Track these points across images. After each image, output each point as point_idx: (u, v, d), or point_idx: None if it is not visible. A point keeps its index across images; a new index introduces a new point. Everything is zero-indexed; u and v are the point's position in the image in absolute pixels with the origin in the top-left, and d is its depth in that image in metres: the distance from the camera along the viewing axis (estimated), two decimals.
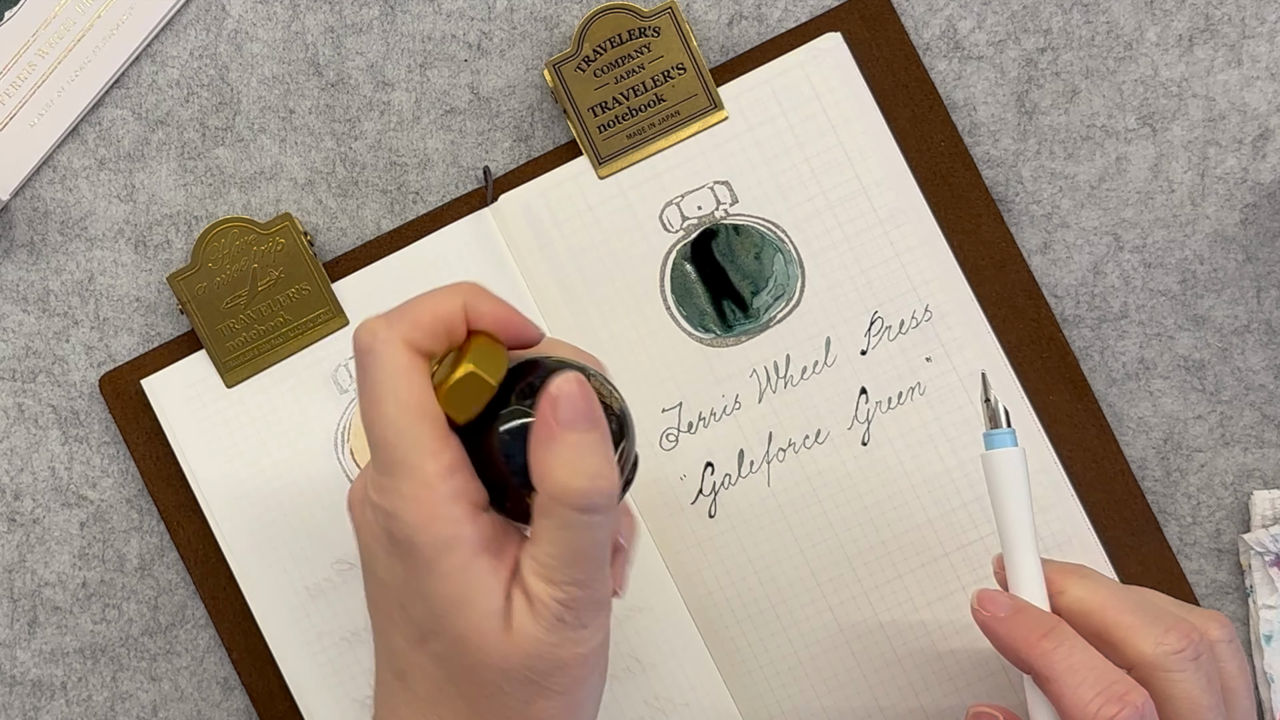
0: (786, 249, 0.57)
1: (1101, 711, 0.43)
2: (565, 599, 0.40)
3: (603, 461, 0.40)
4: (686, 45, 0.57)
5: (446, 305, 0.42)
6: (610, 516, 0.40)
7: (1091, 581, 0.47)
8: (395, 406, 0.40)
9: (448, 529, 0.40)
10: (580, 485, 0.39)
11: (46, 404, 0.60)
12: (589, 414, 0.40)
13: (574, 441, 0.40)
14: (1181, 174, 0.58)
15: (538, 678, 0.40)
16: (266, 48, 0.59)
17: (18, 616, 0.60)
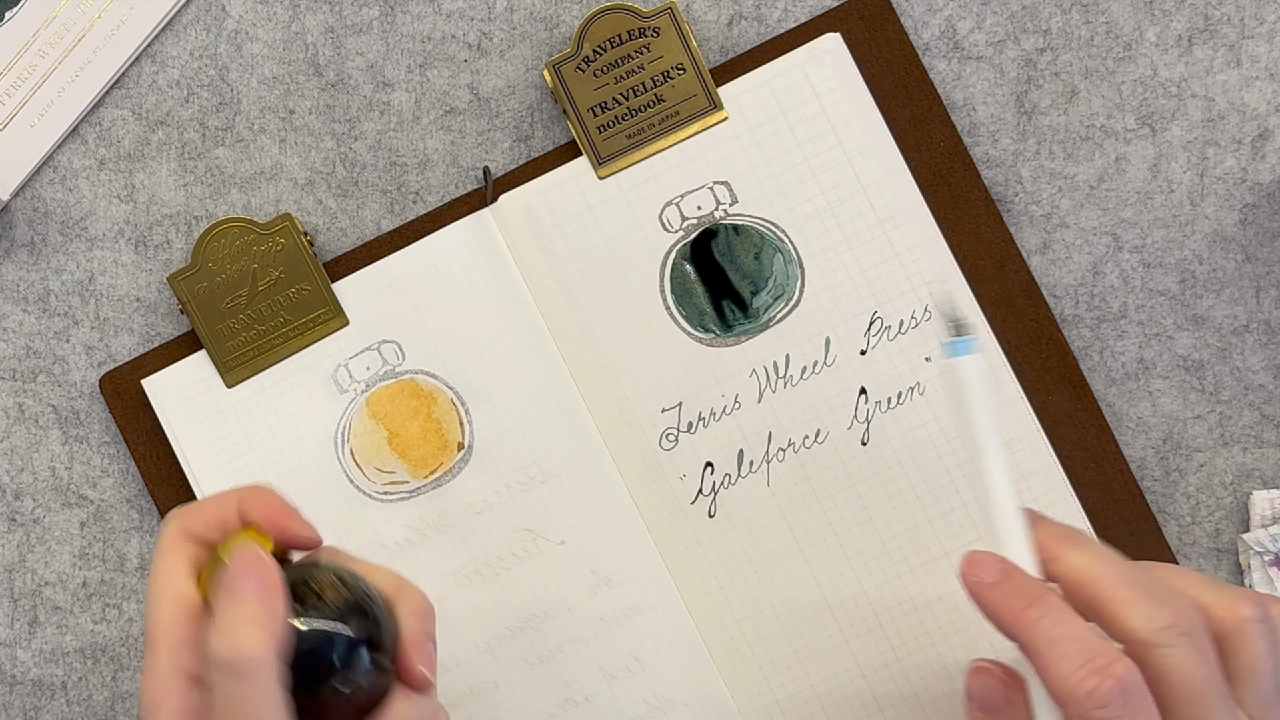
0: (786, 249, 0.57)
1: (1083, 684, 0.42)
2: None
3: (244, 627, 0.42)
4: (686, 45, 0.57)
5: (225, 500, 0.46)
6: (264, 680, 0.42)
7: (1089, 551, 0.46)
8: (156, 585, 0.45)
9: (159, 695, 0.44)
10: (217, 648, 0.42)
11: (47, 404, 0.60)
12: (236, 581, 0.43)
13: (223, 607, 0.43)
14: (1181, 174, 0.58)
15: None
16: (266, 48, 0.59)
17: (18, 616, 0.60)
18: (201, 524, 0.46)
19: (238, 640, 0.42)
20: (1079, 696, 0.42)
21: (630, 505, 0.57)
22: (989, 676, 0.47)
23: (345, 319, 0.58)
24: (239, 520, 0.46)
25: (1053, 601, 0.44)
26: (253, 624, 0.43)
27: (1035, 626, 0.44)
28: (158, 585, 0.45)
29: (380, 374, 0.58)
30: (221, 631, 0.42)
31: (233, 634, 0.42)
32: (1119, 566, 0.45)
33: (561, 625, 0.58)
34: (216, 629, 0.43)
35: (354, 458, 0.58)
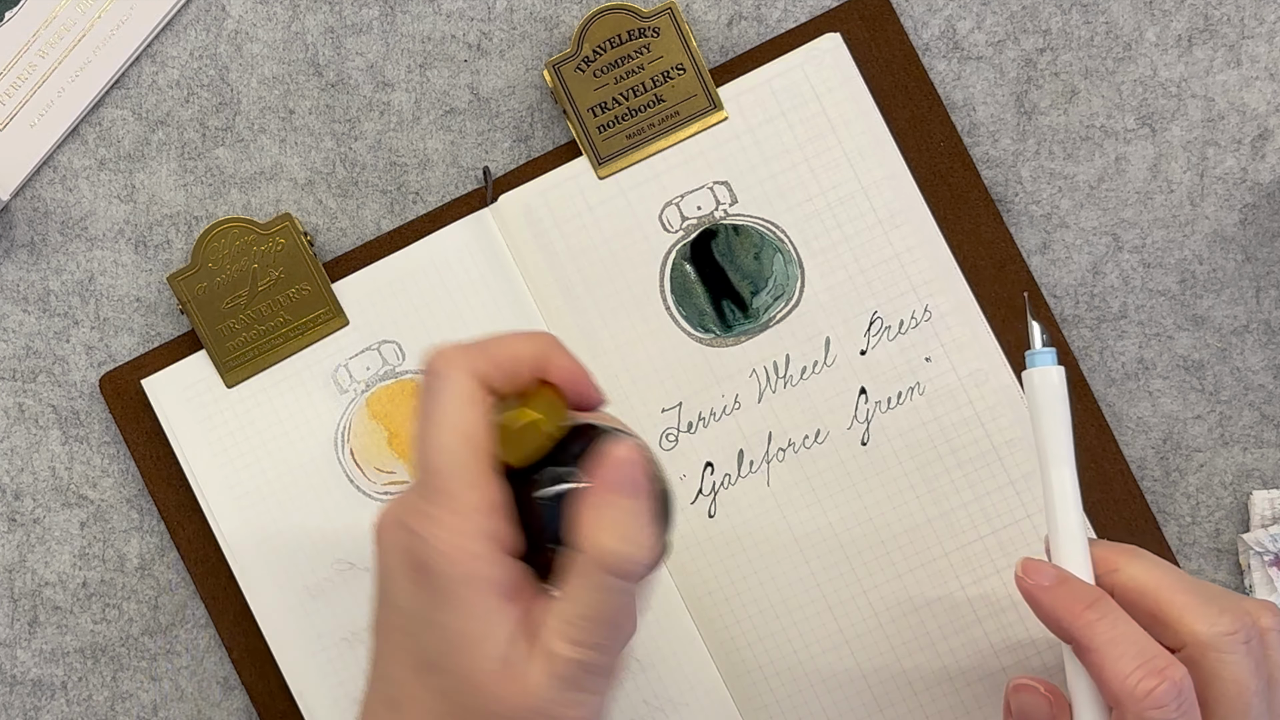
0: (786, 249, 0.57)
1: (1141, 684, 0.43)
2: (581, 660, 0.40)
3: (646, 531, 0.41)
4: (686, 45, 0.57)
5: (525, 349, 0.42)
6: (640, 588, 0.41)
7: (1147, 561, 0.47)
8: (450, 433, 0.40)
9: (472, 564, 0.40)
10: (622, 549, 0.40)
11: (47, 404, 0.60)
12: (642, 483, 0.41)
13: (624, 506, 0.40)
14: (1181, 174, 0.58)
15: None
16: (266, 48, 0.59)
17: (18, 616, 0.60)
18: (496, 372, 0.42)
19: (638, 541, 0.40)
20: (1137, 696, 0.43)
21: None
22: (1033, 694, 0.48)
23: (345, 319, 0.58)
24: (531, 373, 0.42)
25: (1110, 604, 0.45)
26: (646, 526, 0.41)
27: (1094, 627, 0.45)
28: (454, 435, 0.40)
29: (380, 374, 0.58)
30: (615, 530, 0.40)
31: (630, 534, 0.40)
32: (1178, 574, 0.47)
33: None
34: (608, 526, 0.40)
35: (354, 458, 0.58)
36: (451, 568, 0.40)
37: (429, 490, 0.40)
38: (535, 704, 0.40)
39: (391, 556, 0.41)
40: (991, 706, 0.57)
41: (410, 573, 0.41)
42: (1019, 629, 0.57)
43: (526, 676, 0.40)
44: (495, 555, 0.40)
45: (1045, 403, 0.48)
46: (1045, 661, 0.56)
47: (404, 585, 0.41)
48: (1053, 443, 0.48)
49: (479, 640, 0.40)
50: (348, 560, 0.58)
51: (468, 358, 0.41)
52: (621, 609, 0.41)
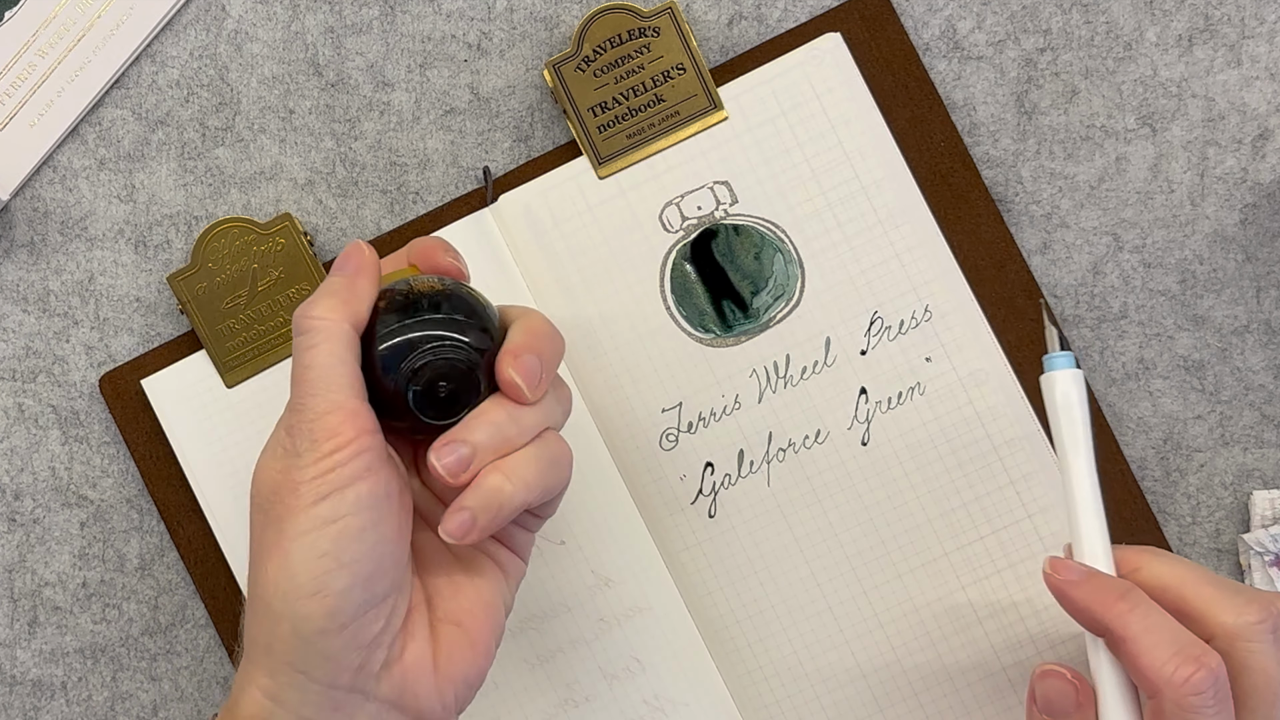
0: (786, 249, 0.57)
1: (1178, 672, 0.43)
2: (286, 425, 0.44)
3: (319, 296, 0.45)
4: (686, 45, 0.57)
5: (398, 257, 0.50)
6: (323, 347, 0.44)
7: (1168, 558, 0.48)
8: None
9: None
10: (298, 309, 0.45)
11: (46, 404, 0.60)
12: (339, 265, 0.46)
13: (318, 287, 0.46)
14: (1181, 174, 0.58)
15: (264, 504, 0.44)
16: (266, 48, 0.59)
17: (18, 616, 0.60)
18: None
19: (310, 303, 0.45)
20: (1175, 683, 0.43)
21: (630, 505, 0.57)
22: (1060, 680, 0.48)
23: None
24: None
25: (1141, 595, 0.46)
26: (329, 295, 0.45)
27: (1128, 617, 0.45)
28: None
29: None
30: (303, 303, 0.45)
31: (309, 301, 0.45)
32: (1199, 569, 0.47)
33: (561, 625, 0.58)
34: (302, 303, 0.45)
35: None
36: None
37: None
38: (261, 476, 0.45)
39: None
40: (992, 707, 0.57)
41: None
42: (1019, 629, 0.57)
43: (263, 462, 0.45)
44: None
45: (1065, 406, 0.48)
46: (1045, 660, 0.56)
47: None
48: (1073, 446, 0.48)
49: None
50: None
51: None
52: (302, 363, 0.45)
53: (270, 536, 0.43)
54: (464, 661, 0.46)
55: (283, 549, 0.43)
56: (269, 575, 0.43)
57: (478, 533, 0.44)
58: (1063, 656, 0.56)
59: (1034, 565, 0.57)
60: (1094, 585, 0.46)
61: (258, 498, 0.44)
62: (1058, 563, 0.47)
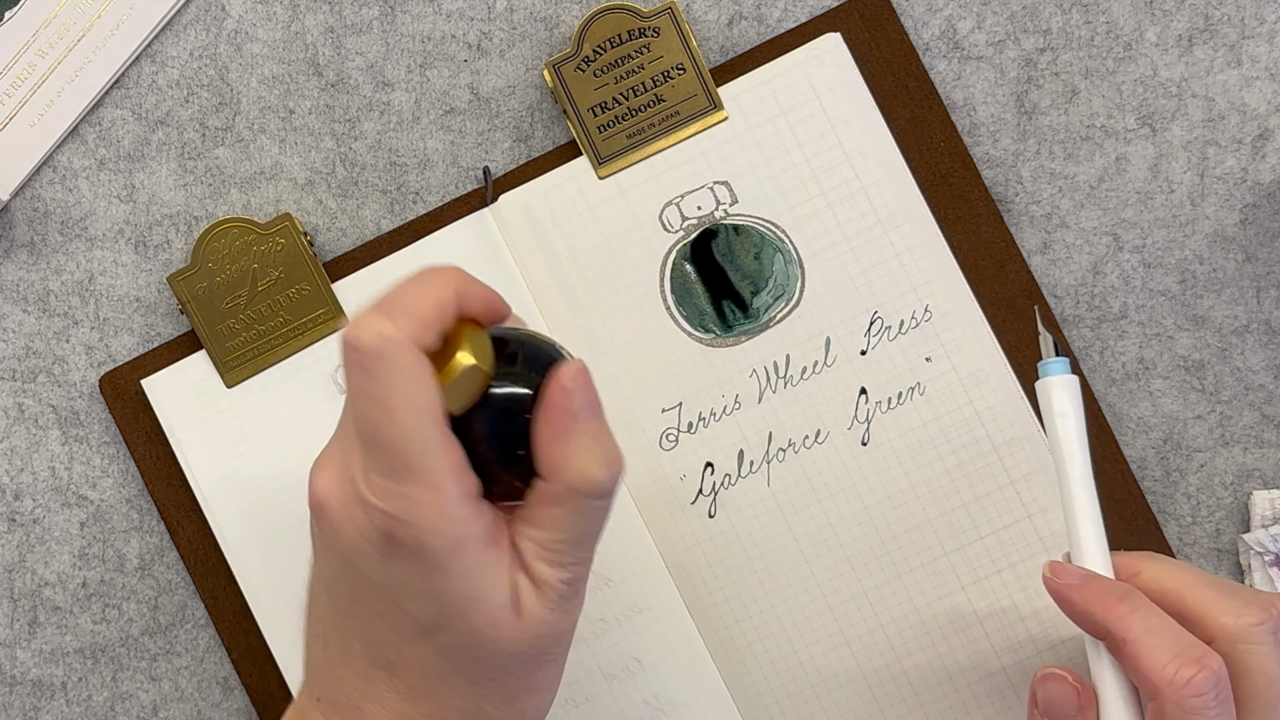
0: (786, 249, 0.57)
1: (1180, 673, 0.43)
2: (569, 579, 0.41)
3: (614, 446, 0.41)
4: (686, 45, 0.57)
5: (443, 295, 0.41)
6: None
7: (1167, 562, 0.48)
8: (410, 412, 0.39)
9: (459, 529, 0.40)
10: (600, 475, 0.40)
11: (46, 404, 0.60)
12: (597, 402, 0.41)
13: (591, 430, 0.40)
14: (1181, 174, 0.58)
15: (540, 653, 0.42)
16: (266, 48, 0.59)
17: (18, 616, 0.60)
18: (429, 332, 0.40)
19: (612, 460, 0.40)
20: (1177, 684, 0.43)
21: (630, 505, 0.57)
22: (1062, 684, 0.48)
23: (345, 319, 0.58)
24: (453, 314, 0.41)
25: (1141, 598, 0.46)
26: (612, 442, 0.41)
27: (1129, 619, 0.45)
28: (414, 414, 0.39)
29: None
30: (590, 456, 0.40)
31: (604, 457, 0.40)
32: (1198, 572, 0.47)
33: None
34: (581, 453, 0.40)
35: None
36: (439, 541, 0.39)
37: (397, 469, 0.39)
38: (539, 630, 0.41)
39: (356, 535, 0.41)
40: (992, 707, 0.57)
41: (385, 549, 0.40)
42: (1019, 629, 0.57)
43: (526, 611, 0.41)
44: (475, 513, 0.40)
45: (1060, 413, 0.49)
46: (1045, 662, 0.56)
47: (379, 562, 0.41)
48: (1069, 452, 0.48)
49: (479, 598, 0.40)
50: None
51: (401, 328, 0.40)
52: (601, 524, 0.42)
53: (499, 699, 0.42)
54: None
55: None
56: None
57: None
58: (1062, 656, 0.56)
59: (1034, 565, 0.57)
60: (1094, 588, 0.46)
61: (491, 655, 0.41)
62: (1057, 567, 0.47)
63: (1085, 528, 0.48)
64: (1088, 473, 0.48)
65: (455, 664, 0.41)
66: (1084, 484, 0.48)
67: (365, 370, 0.40)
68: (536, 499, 0.41)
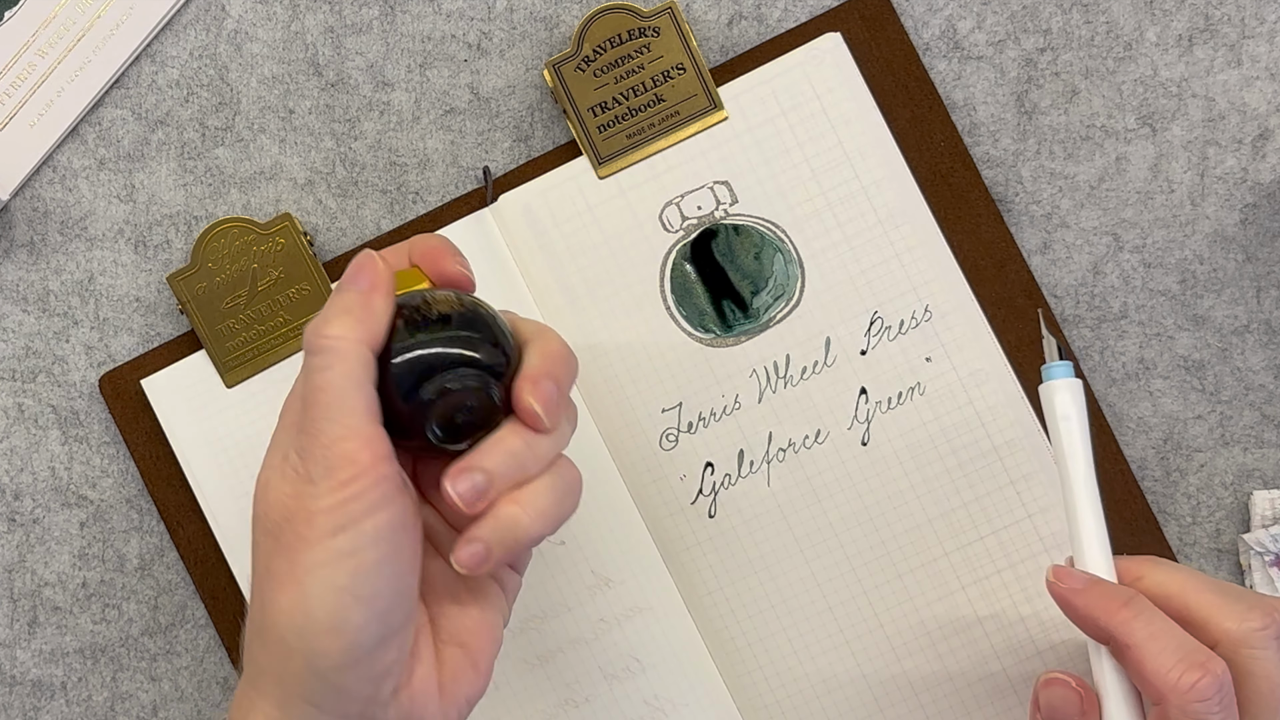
0: (786, 249, 0.57)
1: (1184, 678, 0.43)
2: (298, 447, 0.42)
3: (333, 313, 0.43)
4: (686, 45, 0.57)
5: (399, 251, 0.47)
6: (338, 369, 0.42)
7: (1170, 566, 0.48)
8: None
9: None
10: (306, 331, 0.43)
11: (46, 404, 0.60)
12: (351, 279, 0.44)
13: (329, 301, 0.44)
14: (1181, 174, 0.58)
15: (274, 529, 0.43)
16: (266, 48, 0.59)
17: (18, 616, 0.60)
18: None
19: (324, 321, 0.43)
20: (1181, 689, 0.43)
21: (630, 505, 0.57)
22: (1065, 689, 0.48)
23: None
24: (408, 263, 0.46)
25: (1144, 602, 0.46)
26: (344, 313, 0.43)
27: (1132, 624, 0.45)
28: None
29: None
30: (314, 319, 0.43)
31: (322, 319, 0.43)
32: (1201, 576, 0.47)
33: (561, 625, 0.58)
34: (313, 319, 0.43)
35: None
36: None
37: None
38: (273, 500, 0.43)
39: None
40: (992, 707, 0.57)
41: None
42: (1019, 629, 0.57)
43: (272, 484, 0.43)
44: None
45: (1063, 416, 0.49)
46: (1046, 662, 0.56)
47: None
48: (1072, 455, 0.48)
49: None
50: None
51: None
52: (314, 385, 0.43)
53: (282, 565, 0.42)
54: (467, 682, 0.45)
55: (297, 581, 0.41)
56: (281, 607, 0.42)
57: (491, 564, 0.43)
58: (1062, 656, 0.56)
59: (1034, 566, 0.57)
60: (1098, 592, 0.46)
61: (265, 520, 0.43)
62: (1061, 571, 0.47)
63: (1088, 532, 0.48)
64: (1091, 477, 0.48)
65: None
66: (1087, 488, 0.48)
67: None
68: None
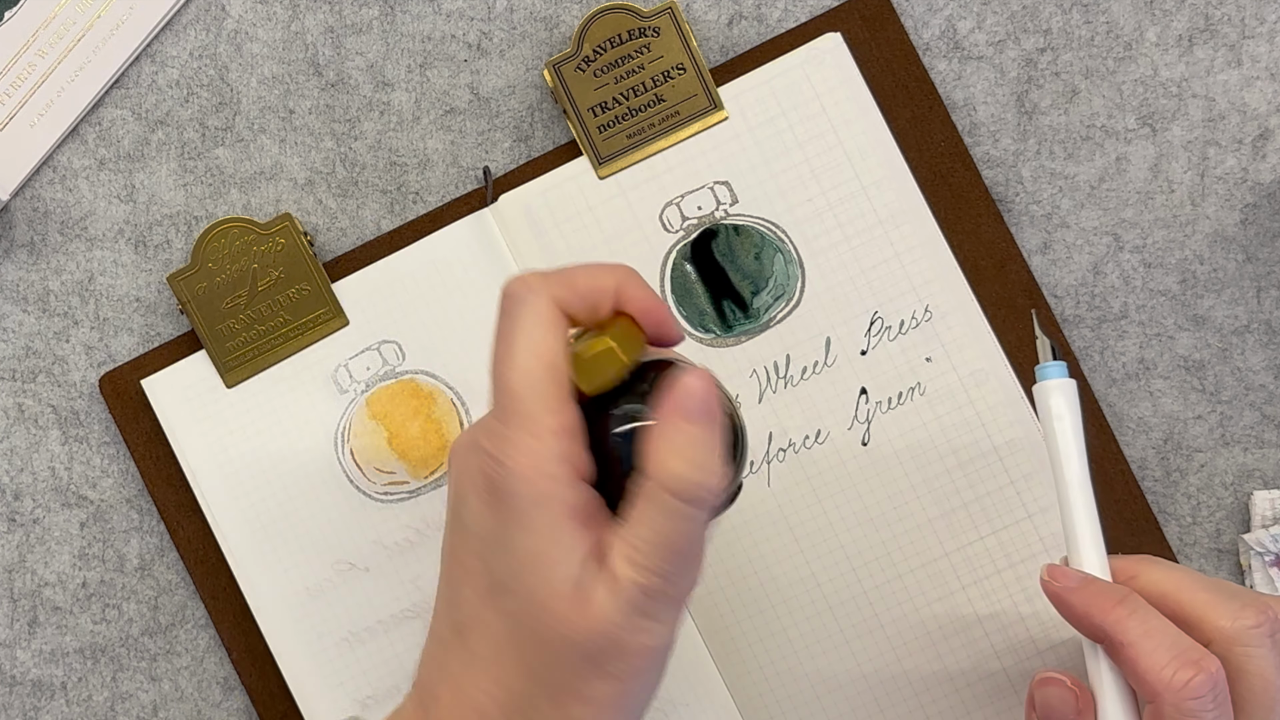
0: (786, 249, 0.57)
1: (1177, 676, 0.43)
2: (646, 586, 0.40)
3: (715, 458, 0.41)
4: (686, 45, 0.57)
5: (602, 279, 0.42)
6: (707, 516, 0.41)
7: (1164, 565, 0.48)
8: (530, 356, 0.40)
9: (548, 485, 0.40)
10: (690, 475, 0.40)
11: (46, 404, 0.60)
12: (712, 410, 0.41)
13: (692, 433, 0.40)
14: (1181, 174, 0.58)
15: (598, 657, 0.40)
16: (266, 48, 0.59)
17: (18, 616, 0.60)
18: (575, 299, 0.42)
19: (706, 467, 0.40)
20: (1175, 686, 0.43)
21: None
22: (1060, 688, 0.48)
23: (345, 319, 0.58)
24: (610, 305, 0.43)
25: (1138, 600, 0.46)
26: (714, 454, 0.40)
27: (1126, 621, 0.45)
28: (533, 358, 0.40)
29: (380, 374, 0.58)
30: (684, 456, 0.40)
31: (699, 460, 0.40)
32: (1195, 575, 0.47)
33: None
34: (677, 451, 0.40)
35: (354, 458, 0.58)
36: (527, 488, 0.40)
37: (506, 413, 0.40)
38: (602, 628, 0.40)
39: (464, 479, 0.41)
40: (992, 707, 0.57)
41: (483, 495, 0.41)
42: (1019, 629, 0.57)
43: (595, 600, 0.40)
44: (570, 478, 0.40)
45: (1056, 416, 0.48)
46: (1046, 662, 0.56)
47: (476, 507, 0.41)
48: (1066, 457, 0.48)
49: (551, 562, 0.40)
50: (348, 560, 0.58)
51: (548, 283, 0.41)
52: (688, 537, 0.40)
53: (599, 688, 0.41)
54: None
55: None
56: None
57: None
58: (1062, 657, 0.56)
59: (1034, 566, 0.57)
60: (1091, 591, 0.46)
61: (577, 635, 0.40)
62: (1055, 570, 0.47)
63: (1082, 531, 0.48)
64: (1085, 476, 0.48)
65: (514, 634, 0.41)
66: (1081, 488, 0.48)
67: (503, 313, 0.41)
68: (631, 495, 0.41)
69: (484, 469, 0.40)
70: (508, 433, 0.40)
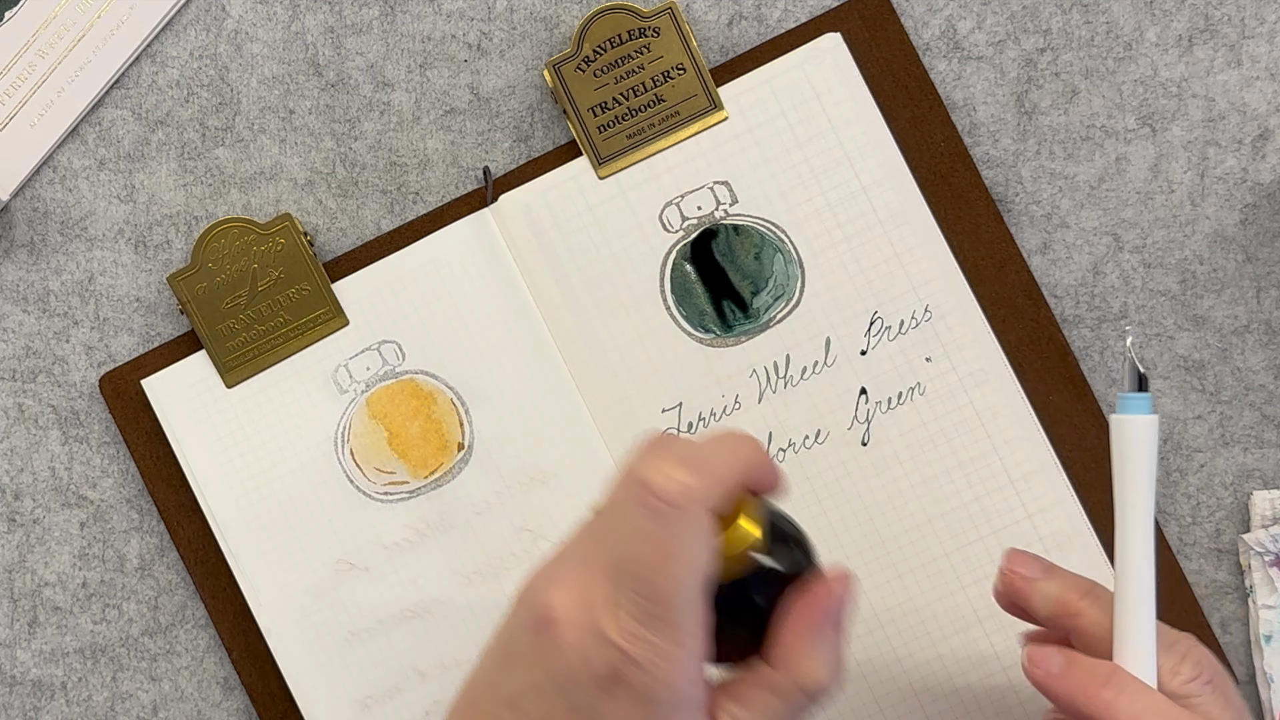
0: (786, 249, 0.57)
1: None
2: None
3: (842, 658, 0.43)
4: (686, 45, 0.57)
5: (743, 465, 0.42)
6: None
7: (1105, 602, 0.47)
8: (691, 573, 0.40)
9: (689, 690, 0.41)
10: (825, 680, 0.42)
11: (46, 404, 0.60)
12: (846, 616, 0.43)
13: (831, 638, 0.43)
14: (1181, 174, 0.58)
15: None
16: (266, 48, 0.59)
17: (18, 616, 0.60)
18: (726, 502, 0.42)
19: (838, 669, 0.42)
20: None
21: None
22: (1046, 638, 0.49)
23: (345, 319, 0.58)
24: (743, 486, 0.43)
25: (1124, 678, 0.45)
26: (842, 654, 0.43)
27: (1114, 706, 0.45)
28: (693, 575, 0.40)
29: (380, 374, 0.58)
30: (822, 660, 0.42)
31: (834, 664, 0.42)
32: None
33: None
34: (817, 655, 0.42)
35: (354, 458, 0.58)
36: (670, 696, 0.40)
37: (653, 620, 0.40)
38: None
39: (576, 662, 0.41)
40: (991, 707, 0.57)
41: (607, 684, 0.40)
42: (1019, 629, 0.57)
43: None
44: (702, 675, 0.41)
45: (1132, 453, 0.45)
46: None
47: (591, 692, 0.41)
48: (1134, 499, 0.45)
49: None
50: (347, 560, 0.58)
51: (709, 494, 0.41)
52: None
53: None
54: None
55: None
56: None
57: None
58: None
59: None
60: (1075, 675, 0.45)
61: None
62: (1036, 654, 0.46)
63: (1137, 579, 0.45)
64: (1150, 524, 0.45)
65: None
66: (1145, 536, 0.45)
67: (660, 517, 0.40)
68: (753, 679, 0.42)
69: (614, 664, 0.40)
70: (656, 640, 0.40)
